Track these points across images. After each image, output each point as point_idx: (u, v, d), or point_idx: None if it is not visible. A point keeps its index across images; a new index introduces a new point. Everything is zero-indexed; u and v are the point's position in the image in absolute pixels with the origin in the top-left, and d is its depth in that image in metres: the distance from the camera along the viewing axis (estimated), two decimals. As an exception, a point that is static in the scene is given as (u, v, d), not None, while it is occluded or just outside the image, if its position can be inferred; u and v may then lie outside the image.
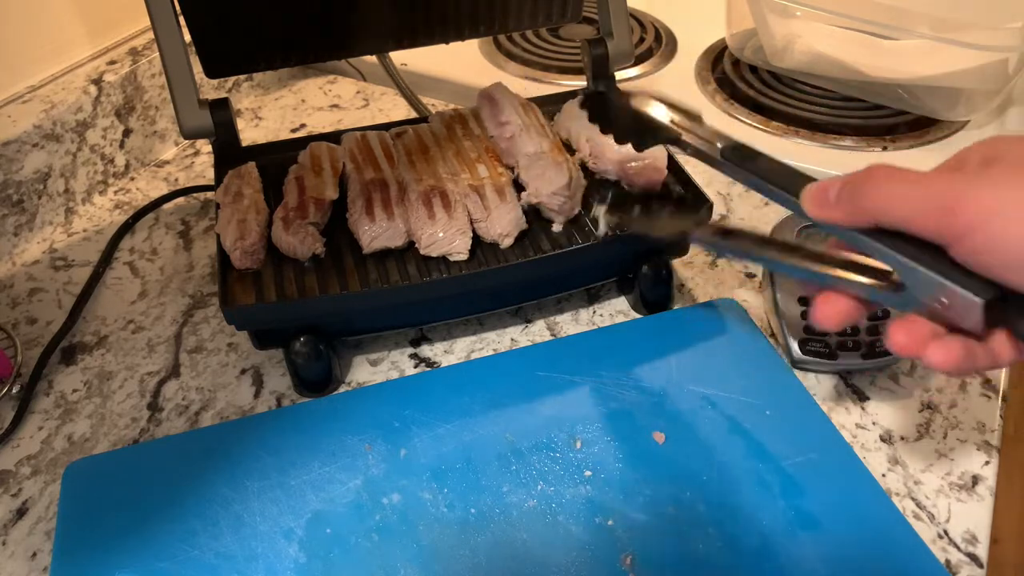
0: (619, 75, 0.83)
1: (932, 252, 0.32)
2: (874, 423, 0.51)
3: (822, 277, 0.38)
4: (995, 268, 0.31)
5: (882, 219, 0.33)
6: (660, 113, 0.46)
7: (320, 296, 0.52)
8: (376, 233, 0.54)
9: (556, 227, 0.56)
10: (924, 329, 0.34)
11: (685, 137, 0.44)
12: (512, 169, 0.59)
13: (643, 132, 0.47)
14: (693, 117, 0.45)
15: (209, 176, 0.75)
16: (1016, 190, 0.30)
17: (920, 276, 0.33)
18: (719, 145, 0.43)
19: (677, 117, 0.45)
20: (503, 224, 0.54)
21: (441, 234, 0.53)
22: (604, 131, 0.50)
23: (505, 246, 0.54)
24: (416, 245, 0.54)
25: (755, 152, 0.42)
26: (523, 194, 0.56)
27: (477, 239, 0.55)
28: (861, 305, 0.37)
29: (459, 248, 0.53)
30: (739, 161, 0.42)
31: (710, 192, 0.57)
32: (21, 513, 0.48)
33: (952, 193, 0.31)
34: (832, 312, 0.37)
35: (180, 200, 0.72)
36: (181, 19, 0.57)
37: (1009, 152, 0.33)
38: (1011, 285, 0.31)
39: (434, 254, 0.54)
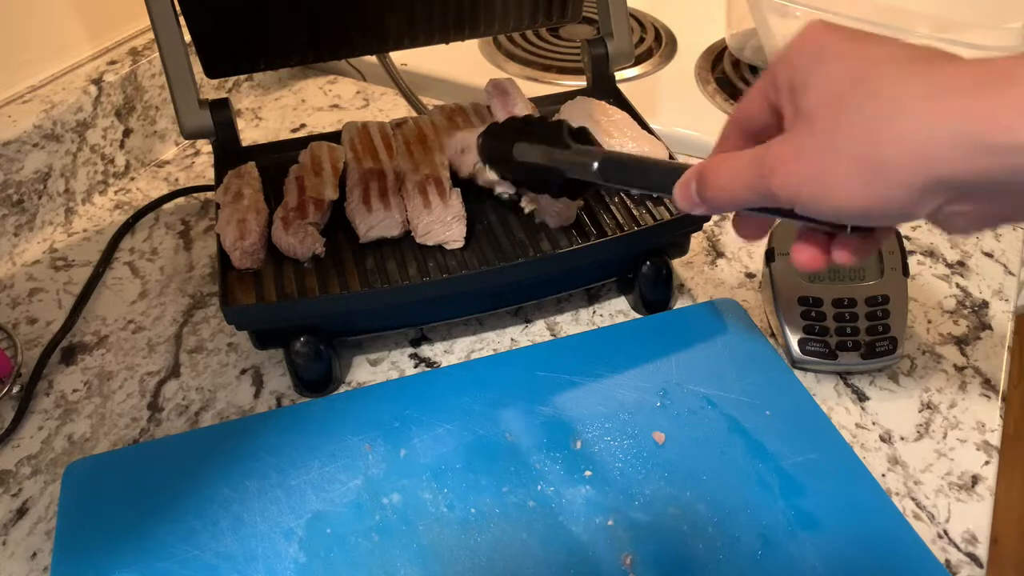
0: (619, 75, 0.83)
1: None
2: (874, 423, 0.51)
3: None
4: (832, 220, 0.34)
5: (735, 207, 0.37)
6: (535, 154, 0.49)
7: (320, 296, 0.52)
8: (373, 223, 0.54)
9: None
10: (819, 241, 0.37)
11: (569, 173, 0.47)
12: None
13: (535, 178, 0.50)
14: (558, 140, 0.47)
15: (209, 176, 0.75)
16: (817, 159, 0.32)
17: (796, 224, 0.37)
18: (594, 168, 0.45)
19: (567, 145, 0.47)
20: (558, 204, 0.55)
21: (436, 223, 0.53)
22: (501, 177, 0.53)
23: (563, 224, 0.55)
24: (412, 234, 0.54)
25: (627, 160, 0.43)
26: (523, 200, 0.56)
27: (472, 229, 0.55)
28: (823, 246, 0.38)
29: (455, 236, 0.54)
30: (616, 177, 0.44)
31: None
32: (21, 513, 0.48)
33: (765, 177, 0.33)
34: (808, 257, 0.38)
35: (180, 200, 0.72)
36: (181, 19, 0.57)
37: (807, 89, 0.33)
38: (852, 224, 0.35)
39: (430, 243, 0.54)
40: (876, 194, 0.30)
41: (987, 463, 0.48)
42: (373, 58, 0.82)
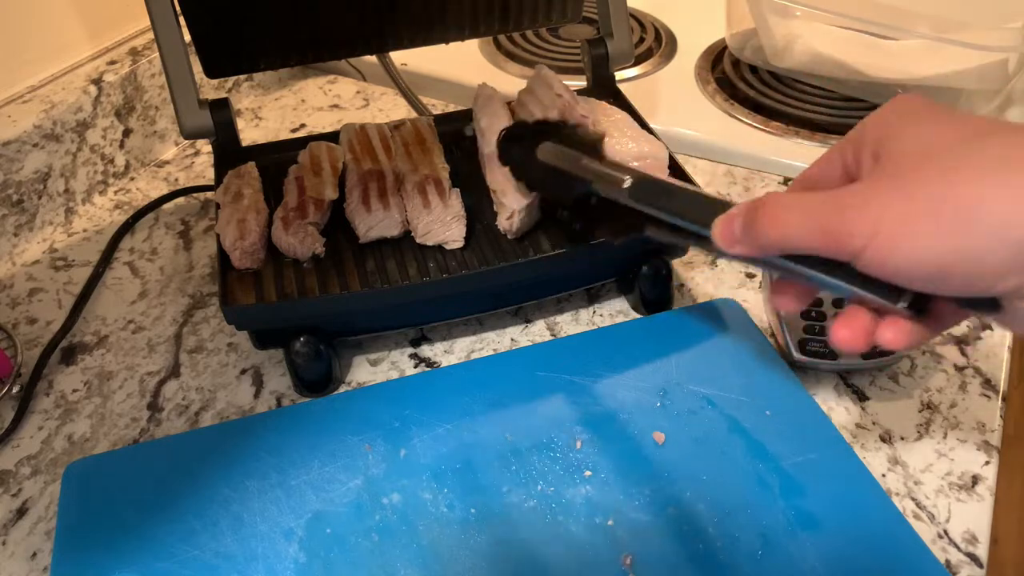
0: (619, 75, 0.83)
1: (841, 266, 0.32)
2: (874, 423, 0.51)
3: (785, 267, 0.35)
4: (898, 280, 0.31)
5: (784, 250, 0.33)
6: (569, 160, 0.45)
7: (320, 296, 0.52)
8: (372, 223, 0.54)
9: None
10: (864, 319, 0.33)
11: (595, 185, 0.43)
12: None
13: (555, 184, 0.46)
14: (591, 149, 0.44)
15: (209, 176, 0.75)
16: (897, 202, 0.29)
17: (841, 289, 0.33)
18: (626, 185, 0.41)
19: (585, 157, 0.44)
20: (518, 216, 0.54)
21: (436, 223, 0.53)
22: (517, 178, 0.51)
23: (503, 229, 0.54)
24: (412, 234, 0.54)
25: (665, 186, 0.39)
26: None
27: (472, 229, 0.55)
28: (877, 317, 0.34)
29: (454, 236, 0.54)
30: (649, 199, 0.39)
31: (710, 192, 0.57)
32: (21, 513, 0.48)
33: (837, 215, 0.31)
34: (852, 333, 0.34)
35: (180, 200, 0.72)
36: (181, 19, 0.57)
37: (895, 144, 0.31)
38: (923, 291, 0.31)
39: (430, 243, 0.54)
40: (958, 245, 0.28)
41: (987, 463, 0.48)
42: (373, 58, 0.82)
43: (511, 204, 0.53)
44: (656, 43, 0.90)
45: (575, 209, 0.46)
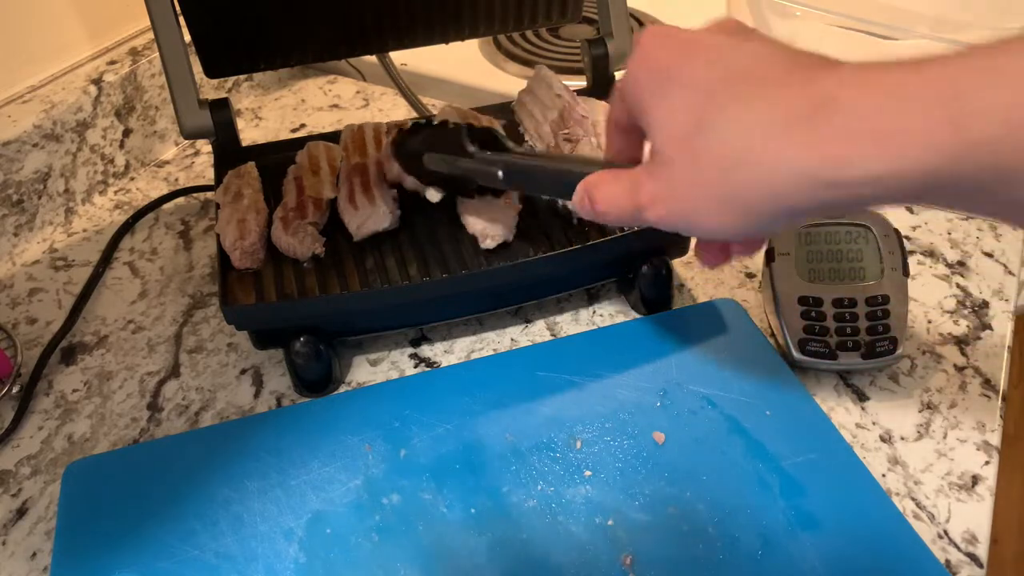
0: (619, 75, 0.82)
1: None
2: (874, 423, 0.51)
3: None
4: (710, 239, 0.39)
5: (614, 222, 0.38)
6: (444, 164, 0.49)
7: (320, 296, 0.52)
8: (361, 219, 0.54)
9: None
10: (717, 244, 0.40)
11: (478, 180, 0.47)
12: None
13: (452, 187, 0.51)
14: (466, 144, 0.47)
15: (209, 176, 0.75)
16: (681, 192, 0.34)
17: None
18: (500, 175, 0.45)
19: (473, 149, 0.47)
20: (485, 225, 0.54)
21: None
22: (409, 172, 0.53)
23: (485, 247, 0.53)
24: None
25: (528, 166, 0.44)
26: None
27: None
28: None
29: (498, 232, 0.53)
30: (522, 181, 0.44)
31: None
32: (21, 513, 0.48)
33: (637, 204, 0.35)
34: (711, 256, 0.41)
35: (180, 200, 0.72)
36: (181, 19, 0.57)
37: (656, 129, 0.35)
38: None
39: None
40: (740, 223, 0.32)
41: (987, 463, 0.48)
42: (373, 58, 0.82)
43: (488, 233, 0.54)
44: (656, 43, 0.90)
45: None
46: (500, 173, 0.44)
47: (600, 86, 0.67)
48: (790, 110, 0.30)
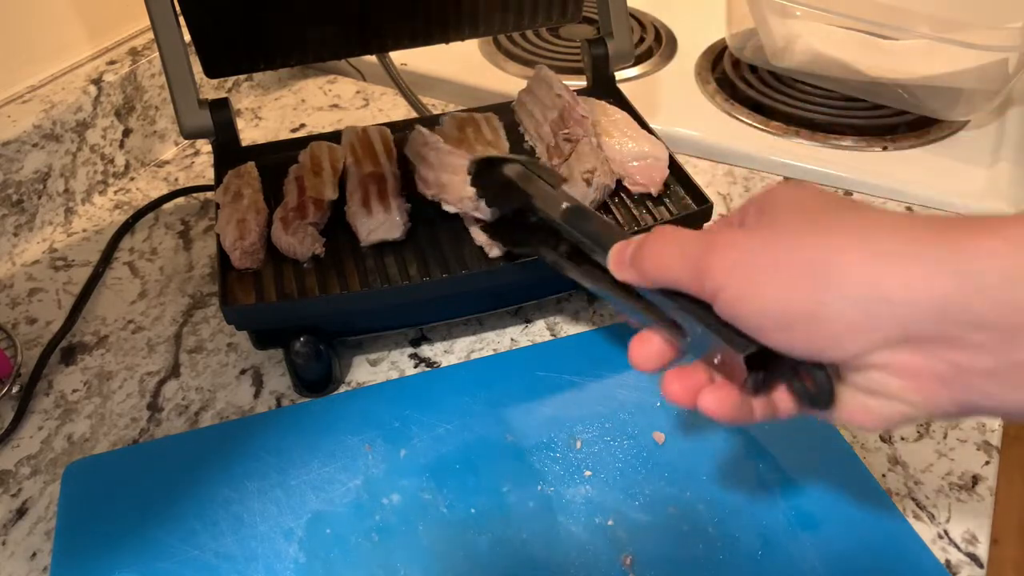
0: (619, 75, 0.82)
1: (708, 308, 0.33)
2: (874, 423, 0.51)
3: (636, 313, 0.38)
4: (749, 328, 0.31)
5: (659, 282, 0.34)
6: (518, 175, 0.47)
7: (320, 296, 0.52)
8: (373, 225, 0.54)
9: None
10: (699, 378, 0.35)
11: (535, 202, 0.45)
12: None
13: (504, 197, 0.48)
14: (549, 181, 0.46)
15: (209, 176, 0.75)
16: (754, 253, 0.31)
17: (695, 329, 0.34)
18: (563, 207, 0.43)
19: (534, 182, 0.46)
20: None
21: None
22: (479, 196, 0.51)
23: (492, 256, 0.53)
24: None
25: (590, 214, 0.42)
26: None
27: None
28: (673, 349, 0.36)
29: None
30: (575, 223, 0.42)
31: (710, 192, 0.57)
32: (21, 513, 0.48)
33: (704, 254, 0.32)
34: (646, 353, 0.37)
35: (180, 200, 0.72)
36: (181, 19, 0.57)
37: (778, 202, 0.33)
38: (771, 345, 0.31)
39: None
40: (804, 298, 0.29)
41: (987, 463, 0.48)
42: (373, 58, 0.82)
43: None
44: (656, 43, 0.90)
45: (501, 225, 0.51)
46: (565, 205, 0.43)
47: (600, 86, 0.67)
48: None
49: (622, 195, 0.58)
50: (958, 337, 0.27)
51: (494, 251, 0.53)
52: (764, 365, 0.32)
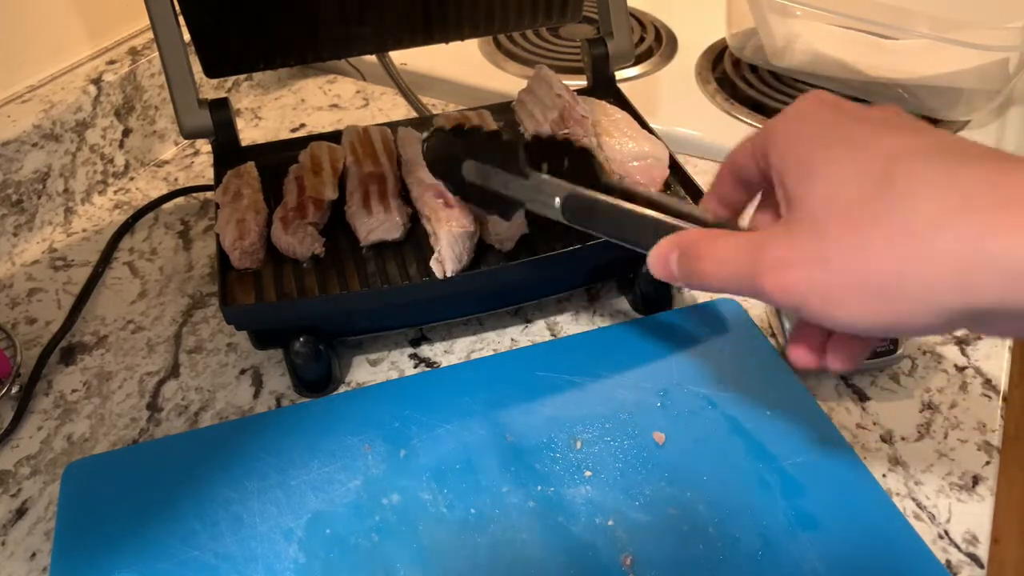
0: (619, 75, 0.82)
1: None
2: (874, 423, 0.51)
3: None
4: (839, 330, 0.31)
5: (717, 290, 0.34)
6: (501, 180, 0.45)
7: (320, 296, 0.52)
8: (373, 225, 0.54)
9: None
10: (817, 337, 0.35)
11: (528, 205, 0.44)
12: None
13: (485, 202, 0.47)
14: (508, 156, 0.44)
15: (209, 176, 0.75)
16: (819, 272, 0.29)
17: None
18: (556, 205, 0.41)
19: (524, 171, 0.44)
20: (503, 227, 0.54)
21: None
22: (454, 193, 0.50)
23: (506, 249, 0.54)
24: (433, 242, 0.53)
25: (593, 202, 0.40)
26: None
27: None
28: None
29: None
30: (581, 216, 0.40)
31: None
32: (21, 513, 0.48)
33: (761, 275, 0.31)
34: (807, 352, 0.36)
35: (180, 200, 0.72)
36: (181, 19, 0.57)
37: (806, 183, 0.31)
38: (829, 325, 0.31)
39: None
40: (895, 312, 0.28)
41: (988, 463, 0.48)
42: (373, 58, 0.82)
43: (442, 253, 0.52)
44: (656, 43, 0.90)
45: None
46: (557, 201, 0.40)
47: (600, 86, 0.67)
48: (988, 188, 0.26)
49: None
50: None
51: (507, 244, 0.53)
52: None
